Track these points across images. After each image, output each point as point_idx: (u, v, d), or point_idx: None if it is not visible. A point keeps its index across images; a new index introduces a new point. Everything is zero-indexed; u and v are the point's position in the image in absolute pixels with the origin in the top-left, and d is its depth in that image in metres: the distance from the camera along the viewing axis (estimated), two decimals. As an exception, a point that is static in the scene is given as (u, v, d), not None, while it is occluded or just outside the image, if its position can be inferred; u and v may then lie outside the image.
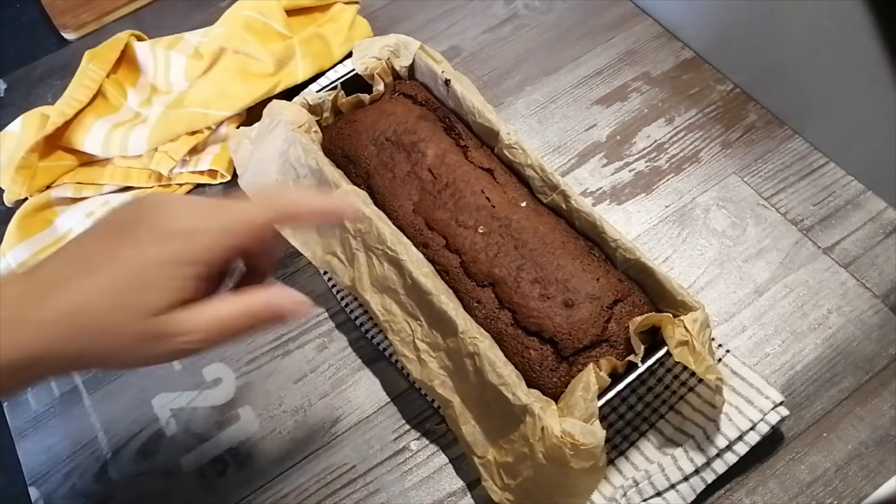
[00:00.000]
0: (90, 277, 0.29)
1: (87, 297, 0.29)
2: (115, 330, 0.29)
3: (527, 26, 0.72)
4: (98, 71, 0.66)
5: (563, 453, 0.39)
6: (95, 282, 0.29)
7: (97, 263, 0.30)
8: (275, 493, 0.49)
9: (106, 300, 0.29)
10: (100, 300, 0.29)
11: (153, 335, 0.30)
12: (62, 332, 0.29)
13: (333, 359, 0.54)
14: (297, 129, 0.54)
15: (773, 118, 0.62)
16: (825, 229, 0.56)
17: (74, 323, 0.29)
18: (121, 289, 0.29)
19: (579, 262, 0.46)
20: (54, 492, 0.51)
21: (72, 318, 0.29)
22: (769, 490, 0.46)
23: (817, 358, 0.50)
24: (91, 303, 0.29)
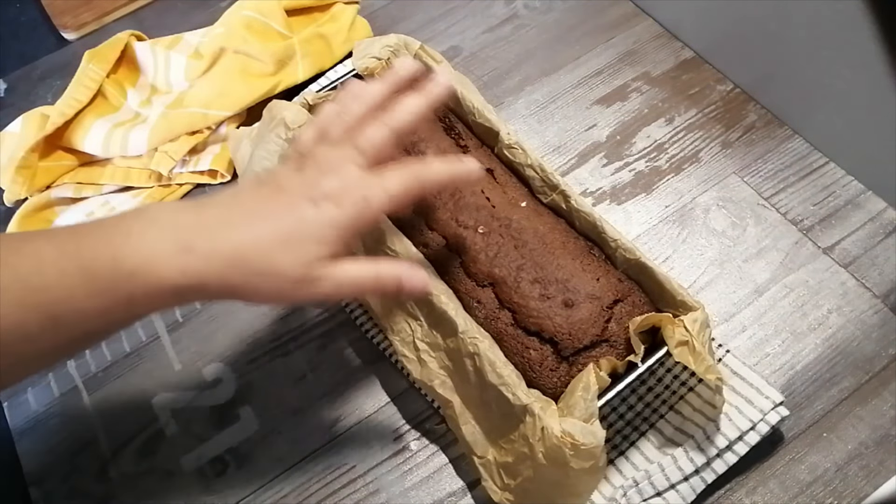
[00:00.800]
0: (258, 223, 0.34)
1: (257, 238, 0.33)
2: (280, 270, 0.33)
3: (527, 26, 0.72)
4: (98, 71, 0.66)
5: (563, 453, 0.39)
6: (264, 227, 0.34)
7: (262, 213, 0.34)
8: (275, 493, 0.49)
9: (275, 244, 0.33)
10: (268, 243, 0.33)
11: (306, 279, 0.34)
12: (229, 265, 0.33)
13: (333, 359, 0.54)
14: (297, 129, 0.54)
15: (773, 118, 0.62)
16: (825, 229, 0.56)
17: (243, 258, 0.33)
18: (288, 237, 0.34)
19: (579, 262, 0.46)
20: (54, 492, 0.51)
21: (241, 253, 0.33)
22: (769, 490, 0.46)
23: (817, 358, 0.50)
24: (260, 244, 0.33)
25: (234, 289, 0.34)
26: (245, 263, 0.33)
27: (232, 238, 0.33)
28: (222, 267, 0.33)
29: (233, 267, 0.33)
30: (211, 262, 0.33)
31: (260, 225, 0.34)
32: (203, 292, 0.34)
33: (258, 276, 0.33)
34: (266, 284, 0.34)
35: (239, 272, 0.33)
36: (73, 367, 0.56)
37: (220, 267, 0.33)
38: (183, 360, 0.55)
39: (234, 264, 0.33)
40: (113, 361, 0.56)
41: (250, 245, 0.33)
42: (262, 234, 0.34)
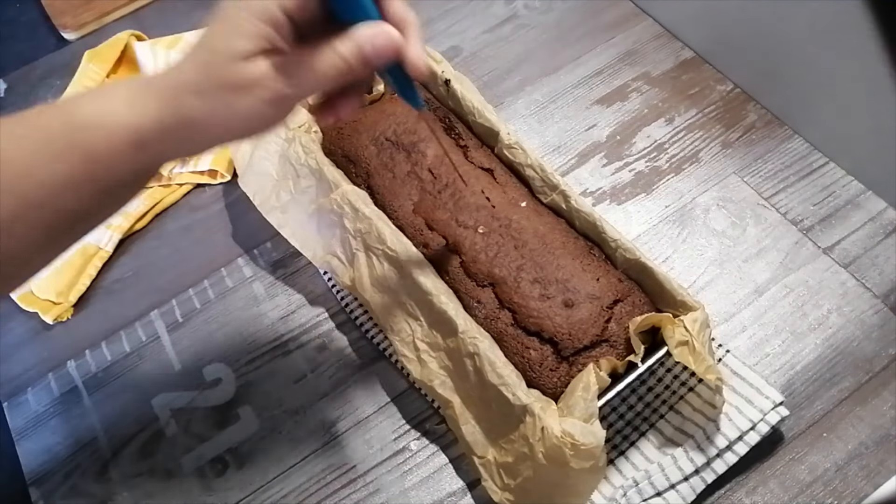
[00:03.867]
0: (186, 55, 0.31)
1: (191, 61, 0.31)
2: (209, 82, 0.30)
3: (527, 26, 0.72)
4: (98, 71, 0.66)
5: (563, 453, 0.39)
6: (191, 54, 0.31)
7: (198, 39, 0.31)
8: (275, 493, 0.49)
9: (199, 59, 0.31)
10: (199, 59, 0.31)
11: (242, 82, 0.30)
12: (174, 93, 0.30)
13: (333, 359, 0.54)
14: (297, 128, 0.54)
15: (773, 118, 0.62)
16: (825, 229, 0.56)
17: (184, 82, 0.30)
18: (212, 41, 0.30)
19: (579, 262, 0.46)
20: (54, 492, 0.51)
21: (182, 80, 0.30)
22: (769, 490, 0.46)
23: (817, 358, 0.50)
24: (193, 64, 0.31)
25: (187, 121, 0.31)
26: (185, 85, 0.30)
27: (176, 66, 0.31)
28: (169, 96, 0.31)
29: (177, 93, 0.31)
30: (160, 94, 0.31)
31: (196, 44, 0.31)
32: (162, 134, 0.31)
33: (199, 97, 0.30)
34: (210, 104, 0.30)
35: (184, 98, 0.30)
36: (73, 367, 0.56)
37: (168, 97, 0.31)
38: (183, 360, 0.55)
39: (178, 90, 0.31)
40: (113, 361, 0.56)
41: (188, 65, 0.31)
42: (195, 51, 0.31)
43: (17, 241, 0.31)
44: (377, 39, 0.31)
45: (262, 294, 0.58)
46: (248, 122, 0.32)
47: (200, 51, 0.31)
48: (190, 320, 0.57)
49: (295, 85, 0.31)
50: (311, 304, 0.57)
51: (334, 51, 0.31)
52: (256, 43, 0.30)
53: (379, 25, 0.31)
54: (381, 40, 0.31)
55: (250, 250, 0.60)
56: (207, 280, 0.59)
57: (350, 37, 0.31)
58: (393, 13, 0.32)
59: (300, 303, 0.57)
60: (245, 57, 0.30)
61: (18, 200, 0.30)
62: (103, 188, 0.32)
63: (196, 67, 0.31)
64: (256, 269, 0.59)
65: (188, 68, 0.31)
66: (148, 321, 0.58)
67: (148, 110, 0.30)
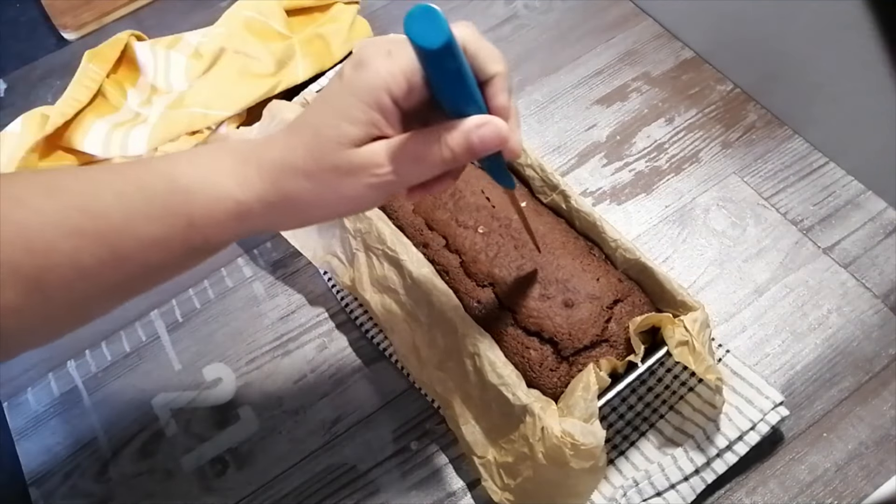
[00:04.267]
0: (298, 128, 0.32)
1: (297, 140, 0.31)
2: (317, 166, 0.30)
3: (527, 26, 0.72)
4: (98, 71, 0.66)
5: (563, 453, 0.39)
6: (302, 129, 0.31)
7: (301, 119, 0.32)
8: (275, 493, 0.49)
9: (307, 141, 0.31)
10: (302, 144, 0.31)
11: (350, 168, 0.30)
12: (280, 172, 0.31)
13: (333, 359, 0.54)
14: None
15: (773, 118, 0.62)
16: (825, 229, 0.56)
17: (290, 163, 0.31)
18: (320, 124, 0.30)
19: (579, 262, 0.46)
20: (54, 492, 0.51)
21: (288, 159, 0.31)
22: (769, 490, 0.46)
23: (817, 358, 0.50)
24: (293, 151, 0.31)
25: (292, 199, 0.31)
26: (292, 166, 0.31)
27: (281, 144, 0.32)
28: (275, 174, 0.31)
29: (283, 173, 0.31)
30: (264, 172, 0.31)
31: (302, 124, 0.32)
32: (264, 209, 0.32)
33: (307, 179, 0.31)
34: (317, 187, 0.31)
35: (291, 178, 0.31)
36: (73, 368, 0.56)
37: (274, 174, 0.31)
38: (183, 360, 0.55)
39: (284, 170, 0.31)
40: (113, 361, 0.56)
41: (294, 146, 0.31)
42: (302, 132, 0.31)
43: (98, 287, 0.31)
44: (486, 133, 0.31)
45: (262, 294, 0.58)
46: (351, 205, 0.32)
47: (308, 132, 0.31)
48: (190, 320, 0.57)
49: (402, 173, 0.31)
50: (311, 304, 0.57)
51: (443, 142, 0.30)
52: (365, 130, 0.30)
53: (489, 120, 0.31)
54: (491, 134, 0.31)
55: (250, 250, 0.60)
56: (207, 280, 0.59)
57: (460, 129, 0.30)
58: (497, 104, 0.32)
59: (300, 303, 0.57)
60: (354, 144, 0.30)
61: (109, 251, 0.30)
62: (193, 249, 0.33)
63: (304, 150, 0.31)
64: (256, 269, 0.59)
65: (296, 149, 0.31)
66: (148, 321, 0.58)
67: (253, 186, 0.31)
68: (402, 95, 0.29)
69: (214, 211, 0.31)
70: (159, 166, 0.32)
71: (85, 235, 0.30)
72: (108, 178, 0.31)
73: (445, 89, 0.30)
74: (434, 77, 0.29)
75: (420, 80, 0.29)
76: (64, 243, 0.29)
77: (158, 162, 0.32)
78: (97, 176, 0.31)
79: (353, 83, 0.30)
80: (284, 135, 0.32)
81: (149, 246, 0.31)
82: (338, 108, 0.30)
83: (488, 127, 0.30)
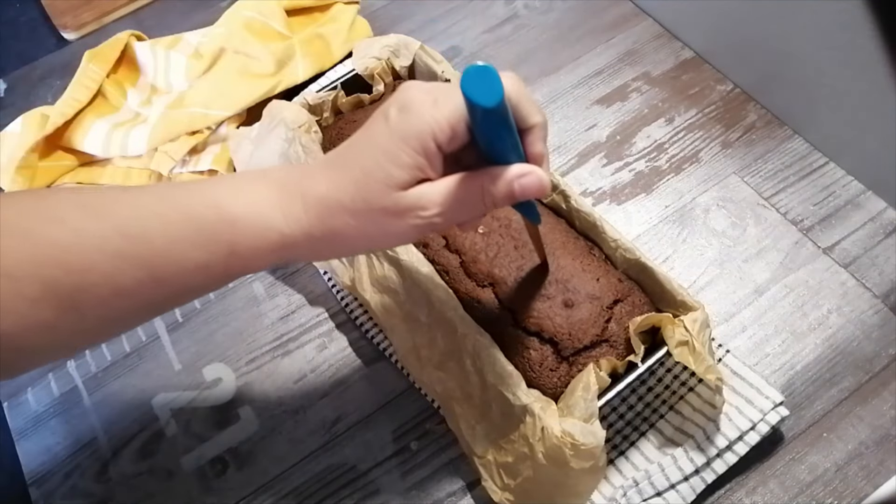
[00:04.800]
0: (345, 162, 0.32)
1: (344, 175, 0.32)
2: (364, 206, 0.31)
3: (527, 26, 0.72)
4: (98, 71, 0.66)
5: (563, 453, 0.39)
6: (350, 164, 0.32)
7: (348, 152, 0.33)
8: (275, 493, 0.49)
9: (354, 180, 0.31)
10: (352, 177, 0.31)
11: (396, 210, 0.31)
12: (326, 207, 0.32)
13: (333, 359, 0.54)
14: (297, 129, 0.54)
15: (773, 118, 0.62)
16: (825, 229, 0.56)
17: (336, 199, 0.32)
18: (368, 166, 0.31)
19: (579, 262, 0.46)
20: (54, 492, 0.51)
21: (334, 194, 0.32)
22: (769, 490, 0.46)
23: (817, 358, 0.50)
24: (346, 179, 0.32)
25: (336, 235, 0.32)
26: (339, 203, 0.32)
27: (326, 181, 0.32)
28: (321, 210, 0.32)
29: (329, 210, 0.32)
30: (309, 207, 0.32)
31: (347, 162, 0.32)
32: (307, 242, 0.32)
33: (353, 217, 0.32)
34: (363, 224, 0.32)
35: (336, 215, 0.32)
36: (73, 368, 0.56)
37: (320, 211, 0.32)
38: (183, 360, 0.55)
39: (330, 207, 0.32)
40: (113, 361, 0.56)
41: (341, 184, 0.32)
42: (348, 170, 0.32)
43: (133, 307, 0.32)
44: (528, 182, 0.32)
45: (262, 294, 0.58)
46: (393, 240, 0.34)
47: (356, 172, 0.32)
48: (190, 320, 0.57)
49: (445, 216, 0.32)
50: (311, 304, 0.57)
51: (485, 190, 0.32)
52: (412, 174, 0.31)
53: (532, 170, 0.32)
54: (532, 183, 0.32)
55: (250, 250, 0.60)
56: (207, 280, 0.59)
57: (502, 178, 0.32)
58: (535, 151, 0.33)
59: (300, 303, 0.57)
60: (401, 187, 0.31)
61: (148, 273, 0.31)
62: (232, 275, 0.33)
63: (353, 189, 0.31)
64: (256, 269, 0.59)
65: (344, 188, 0.32)
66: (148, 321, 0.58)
67: (299, 221, 0.32)
68: (445, 141, 0.31)
69: (259, 241, 0.32)
70: (205, 194, 0.32)
71: (125, 258, 0.30)
72: (152, 202, 0.32)
73: (490, 139, 0.31)
74: (481, 128, 0.31)
75: (464, 127, 0.31)
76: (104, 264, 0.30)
77: (203, 188, 0.33)
78: (140, 199, 0.32)
79: (401, 128, 0.31)
80: (329, 170, 0.33)
81: (190, 271, 0.32)
82: (387, 151, 0.31)
83: (531, 177, 0.32)
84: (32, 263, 0.29)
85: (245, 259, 0.33)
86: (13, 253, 0.29)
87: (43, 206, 0.31)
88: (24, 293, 0.29)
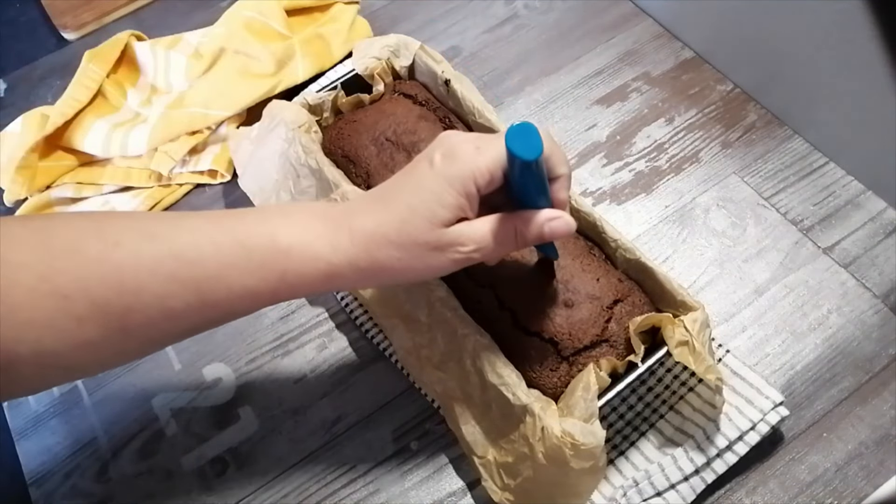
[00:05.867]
0: (392, 198, 0.35)
1: (391, 212, 0.34)
2: (409, 240, 0.34)
3: (527, 26, 0.72)
4: (98, 71, 0.66)
5: (563, 453, 0.39)
6: (396, 201, 0.35)
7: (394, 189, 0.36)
8: (275, 493, 0.49)
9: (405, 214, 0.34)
10: (399, 214, 0.34)
11: (438, 245, 0.34)
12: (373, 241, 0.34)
13: (333, 359, 0.54)
14: (297, 129, 0.54)
15: (773, 118, 0.62)
16: (825, 229, 0.56)
17: (383, 233, 0.34)
18: (413, 204, 0.34)
19: (579, 262, 0.46)
20: (54, 492, 0.51)
21: (381, 229, 0.34)
22: (769, 490, 0.46)
23: (817, 358, 0.50)
24: (393, 217, 0.34)
25: (381, 266, 0.34)
26: (385, 237, 0.34)
27: (373, 215, 0.35)
28: (367, 243, 0.34)
29: (375, 242, 0.34)
30: (356, 239, 0.34)
31: (393, 200, 0.35)
32: (353, 273, 0.34)
33: (398, 250, 0.34)
34: (407, 257, 0.34)
35: (382, 248, 0.34)
36: (73, 367, 0.56)
37: (366, 243, 0.34)
38: (183, 360, 0.55)
39: (376, 240, 0.34)
40: (113, 361, 0.56)
41: (387, 219, 0.34)
42: (394, 207, 0.35)
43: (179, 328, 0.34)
44: (557, 226, 0.36)
45: (262, 294, 0.58)
46: (433, 273, 0.36)
47: (403, 210, 0.34)
48: (190, 320, 0.57)
49: (482, 252, 0.35)
50: (311, 304, 0.57)
51: (518, 231, 0.35)
52: (454, 213, 0.34)
53: (561, 215, 0.36)
54: (561, 227, 0.36)
55: (250, 250, 0.60)
56: (207, 280, 0.59)
57: (534, 222, 0.35)
58: (560, 198, 0.37)
59: (300, 303, 0.57)
60: (444, 224, 0.34)
61: (199, 298, 0.32)
62: (277, 301, 0.35)
63: (399, 225, 0.34)
64: (256, 269, 0.59)
65: (390, 223, 0.34)
66: (148, 321, 0.58)
67: (346, 252, 0.34)
68: (484, 185, 0.34)
69: (308, 270, 0.34)
70: (259, 222, 0.34)
71: (178, 281, 0.31)
72: (206, 228, 0.33)
73: (525, 187, 0.35)
74: (518, 177, 0.34)
75: (500, 174, 0.34)
76: (155, 287, 0.31)
77: (257, 218, 0.35)
78: (195, 224, 0.33)
79: (446, 172, 0.34)
80: (376, 204, 0.35)
81: (239, 296, 0.33)
82: (433, 191, 0.34)
83: (559, 221, 0.36)
84: (85, 283, 0.30)
85: (292, 287, 0.34)
86: (67, 272, 0.30)
87: (99, 227, 0.32)
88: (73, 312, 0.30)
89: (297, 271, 0.34)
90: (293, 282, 0.34)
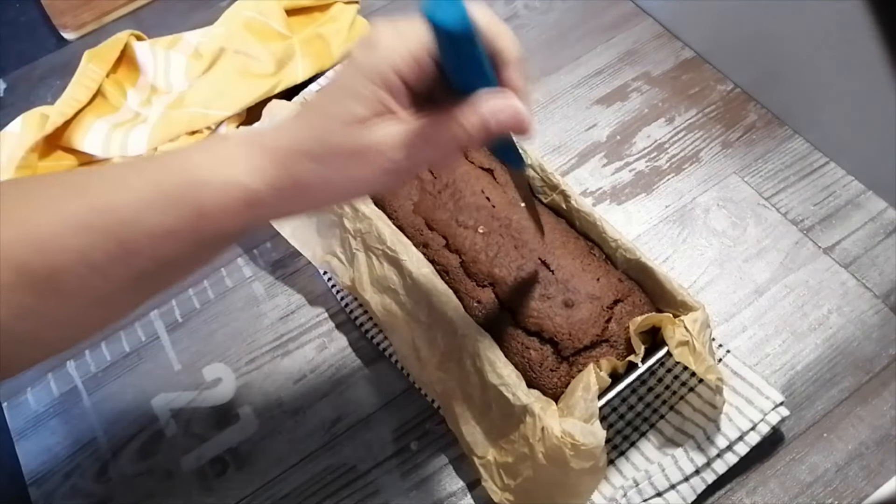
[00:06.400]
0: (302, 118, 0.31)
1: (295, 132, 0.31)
2: (325, 149, 0.30)
3: (527, 26, 0.71)
4: (98, 71, 0.66)
5: (564, 453, 0.39)
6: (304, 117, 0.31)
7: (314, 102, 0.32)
8: (275, 493, 0.49)
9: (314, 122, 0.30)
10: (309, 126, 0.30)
11: (357, 149, 0.29)
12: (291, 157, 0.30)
13: (333, 359, 0.54)
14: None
15: (773, 118, 0.62)
16: (825, 229, 0.56)
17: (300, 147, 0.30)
18: (326, 104, 0.30)
19: (579, 262, 0.46)
20: (54, 492, 0.51)
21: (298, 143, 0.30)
22: (769, 490, 0.46)
23: (817, 358, 0.50)
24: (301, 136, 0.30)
25: (302, 184, 0.31)
26: (300, 150, 0.30)
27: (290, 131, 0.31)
28: (284, 160, 0.30)
29: (291, 158, 0.30)
30: (273, 158, 0.30)
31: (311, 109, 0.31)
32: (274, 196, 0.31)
33: (315, 161, 0.30)
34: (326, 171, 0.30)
35: (298, 162, 0.30)
36: (72, 367, 0.56)
37: (283, 160, 0.30)
38: (183, 360, 0.55)
39: (291, 155, 0.30)
40: (113, 361, 0.56)
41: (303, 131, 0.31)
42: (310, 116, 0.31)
43: (111, 284, 0.31)
44: (503, 114, 0.29)
45: (262, 294, 0.58)
46: (361, 188, 0.32)
47: (315, 113, 0.31)
48: (190, 320, 0.57)
49: (413, 156, 0.30)
50: (311, 304, 0.57)
51: (456, 123, 0.29)
52: (371, 107, 0.29)
53: (505, 97, 0.30)
54: (507, 114, 0.29)
55: (250, 250, 0.60)
56: (207, 280, 0.59)
57: (474, 109, 0.29)
58: (512, 86, 0.31)
59: (300, 303, 0.57)
60: (360, 121, 0.29)
61: (119, 246, 0.30)
62: (203, 241, 0.32)
63: (311, 131, 0.30)
64: (256, 269, 0.59)
65: (303, 131, 0.30)
66: (147, 321, 0.58)
67: (263, 173, 0.31)
68: (410, 73, 0.29)
69: (224, 199, 0.31)
70: (172, 159, 0.32)
71: (94, 231, 0.30)
72: (121, 174, 0.31)
73: (461, 71, 0.29)
74: (449, 58, 0.28)
75: (430, 59, 0.29)
76: (76, 243, 0.29)
77: (175, 156, 0.32)
78: (110, 173, 0.32)
79: (361, 62, 0.29)
80: (293, 120, 0.31)
81: (159, 238, 0.31)
82: (344, 86, 0.29)
83: (508, 109, 0.29)
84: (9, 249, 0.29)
85: (213, 220, 0.31)
86: None
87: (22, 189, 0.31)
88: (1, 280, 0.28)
89: (215, 202, 0.31)
90: (212, 214, 0.31)
